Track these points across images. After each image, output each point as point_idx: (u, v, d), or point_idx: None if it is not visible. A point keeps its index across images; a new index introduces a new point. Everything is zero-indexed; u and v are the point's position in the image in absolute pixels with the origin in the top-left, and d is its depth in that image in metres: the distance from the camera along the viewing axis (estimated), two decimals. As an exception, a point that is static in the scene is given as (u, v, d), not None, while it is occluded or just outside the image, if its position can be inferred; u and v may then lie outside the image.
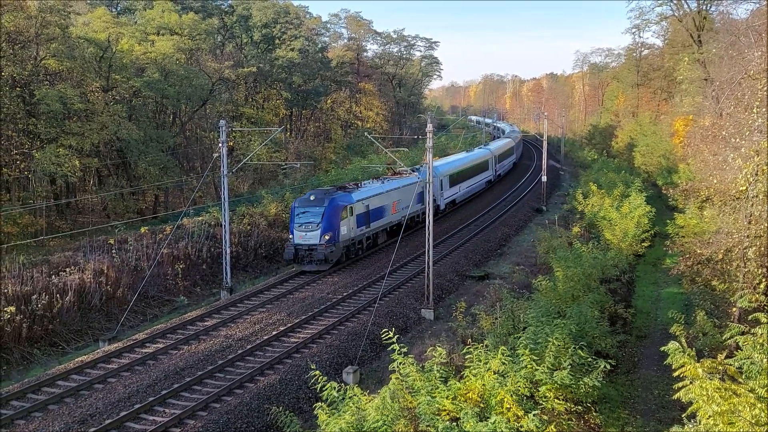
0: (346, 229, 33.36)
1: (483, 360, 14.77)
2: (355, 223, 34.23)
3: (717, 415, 10.65)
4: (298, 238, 32.56)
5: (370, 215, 36.00)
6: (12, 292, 25.50)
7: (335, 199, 33.17)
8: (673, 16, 62.86)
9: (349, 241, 33.86)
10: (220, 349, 23.10)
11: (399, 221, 38.91)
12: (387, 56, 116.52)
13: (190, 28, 57.95)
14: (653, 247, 40.70)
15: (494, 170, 65.97)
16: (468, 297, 29.53)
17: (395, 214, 39.33)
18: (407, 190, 40.59)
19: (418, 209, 42.73)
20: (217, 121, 36.38)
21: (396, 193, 39.63)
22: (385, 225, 38.44)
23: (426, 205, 30.33)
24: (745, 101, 21.99)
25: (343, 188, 35.95)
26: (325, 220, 32.21)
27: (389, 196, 38.73)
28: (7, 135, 40.67)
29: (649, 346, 25.10)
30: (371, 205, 36.23)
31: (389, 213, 38.59)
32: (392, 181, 41.13)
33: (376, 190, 37.89)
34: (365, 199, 35.71)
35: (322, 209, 32.46)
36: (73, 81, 43.52)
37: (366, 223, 35.66)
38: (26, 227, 39.41)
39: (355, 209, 34.18)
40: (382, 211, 37.67)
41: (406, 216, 38.16)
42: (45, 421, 17.77)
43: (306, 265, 32.45)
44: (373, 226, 36.71)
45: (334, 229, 32.44)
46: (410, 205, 39.21)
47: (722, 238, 22.19)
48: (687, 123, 54.85)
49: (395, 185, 40.17)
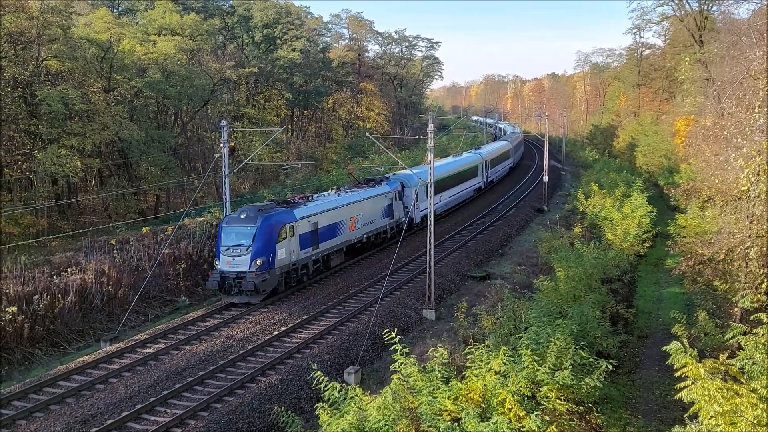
0: (285, 252, 28.53)
1: (484, 360, 14.78)
2: (297, 245, 29.38)
3: (719, 416, 10.65)
4: (225, 263, 27.57)
5: (318, 234, 31.26)
6: (14, 293, 25.51)
7: (271, 217, 28.35)
8: (674, 16, 62.88)
9: (288, 267, 28.97)
10: (221, 349, 23.10)
11: (359, 239, 35.51)
12: (388, 56, 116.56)
13: (192, 28, 58.04)
14: (655, 248, 40.67)
15: (485, 177, 61.60)
16: (469, 297, 29.51)
17: (354, 231, 34.75)
18: (372, 203, 36.60)
19: (386, 224, 38.54)
20: (219, 122, 36.41)
21: (356, 206, 34.87)
22: (340, 245, 33.53)
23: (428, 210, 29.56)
24: (746, 101, 21.98)
25: (286, 203, 31.15)
26: (257, 242, 27.36)
27: (346, 210, 33.91)
28: (9, 135, 40.72)
29: (651, 346, 25.08)
30: (321, 223, 31.38)
31: (346, 230, 33.86)
32: (353, 192, 36.11)
33: (329, 204, 32.82)
34: (312, 215, 30.77)
35: (253, 229, 27.60)
36: (74, 81, 43.56)
37: (313, 243, 30.80)
38: (28, 227, 39.47)
39: (297, 228, 29.39)
40: (335, 228, 32.84)
41: (369, 233, 35.46)
42: (47, 421, 17.78)
43: (234, 296, 27.58)
44: (323, 247, 31.76)
45: (268, 253, 27.60)
46: (375, 219, 36.43)
47: (724, 238, 22.16)
48: (688, 123, 54.83)
49: (355, 198, 35.27)
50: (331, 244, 32.64)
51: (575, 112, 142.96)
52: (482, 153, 63.13)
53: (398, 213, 40.05)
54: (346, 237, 34.02)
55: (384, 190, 38.57)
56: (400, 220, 39.87)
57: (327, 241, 32.09)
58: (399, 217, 40.05)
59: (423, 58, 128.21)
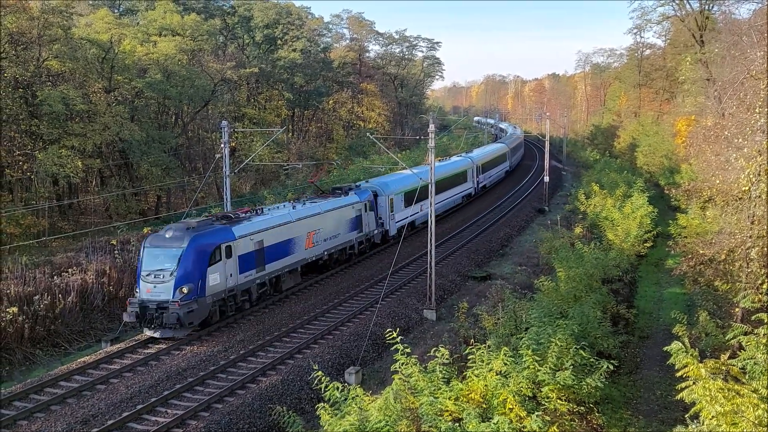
0: (220, 276, 24.66)
1: (485, 360, 14.77)
2: (236, 268, 25.55)
3: (720, 416, 10.65)
4: (145, 291, 23.59)
5: (265, 254, 27.43)
6: (14, 293, 25.55)
7: (201, 237, 24.41)
8: (675, 16, 62.88)
9: (224, 293, 25.05)
10: (222, 349, 23.11)
11: (319, 257, 31.96)
12: (389, 57, 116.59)
13: (192, 29, 58.10)
14: (655, 248, 40.65)
15: (475, 183, 57.51)
16: (470, 297, 29.50)
17: (312, 248, 31.03)
18: (336, 216, 33.06)
19: (353, 238, 34.90)
20: (219, 122, 36.45)
21: (315, 220, 31.26)
22: (293, 264, 29.63)
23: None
24: (747, 101, 21.97)
25: (227, 219, 26.84)
26: (183, 266, 23.46)
27: (303, 225, 30.20)
28: (10, 136, 40.79)
29: (652, 346, 25.08)
30: (268, 241, 27.58)
31: (301, 248, 30.04)
32: (312, 204, 32.37)
33: (280, 218, 28.98)
34: (256, 233, 26.94)
35: (179, 251, 23.68)
36: (75, 82, 43.62)
37: (258, 264, 27.01)
38: (29, 228, 39.52)
39: (236, 248, 25.56)
40: (287, 246, 29.04)
41: (331, 249, 32.46)
42: (47, 421, 17.79)
43: (156, 329, 23.44)
44: (271, 268, 27.90)
45: (197, 279, 23.69)
46: (340, 234, 33.23)
47: (725, 239, 22.16)
48: (689, 123, 54.82)
49: (313, 210, 31.56)
50: (282, 264, 28.70)
51: (576, 113, 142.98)
52: (473, 157, 59.52)
53: (369, 225, 36.55)
54: (301, 255, 30.10)
55: (351, 200, 34.83)
56: (371, 234, 36.94)
57: (276, 261, 28.17)
58: (370, 230, 36.73)
59: (424, 58, 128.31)
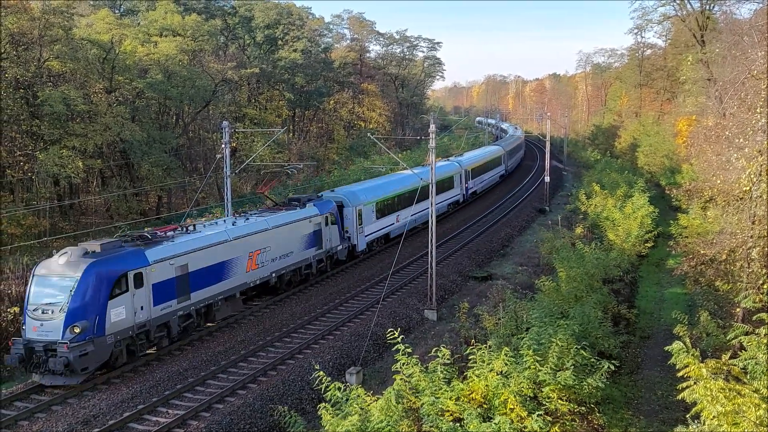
0: (127, 310, 20.70)
1: (486, 361, 14.77)
2: (148, 299, 21.39)
3: (721, 416, 10.64)
4: (31, 329, 19.77)
5: (190, 280, 23.24)
6: (16, 293, 25.58)
7: (101, 263, 20.28)
8: (676, 16, 62.84)
9: (134, 330, 21.07)
10: (223, 350, 23.12)
11: (266, 279, 27.75)
12: (390, 57, 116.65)
13: (193, 29, 58.14)
14: (656, 248, 40.65)
15: (463, 189, 53.49)
16: (471, 297, 29.51)
17: (256, 270, 26.87)
18: (288, 232, 28.99)
19: (310, 256, 30.94)
20: (220, 122, 36.46)
21: (260, 238, 27.01)
22: (230, 290, 25.52)
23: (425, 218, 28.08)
24: (748, 101, 21.96)
25: (142, 239, 22.70)
26: (76, 299, 19.53)
27: (243, 244, 26.00)
28: (11, 136, 40.83)
29: (653, 346, 25.07)
30: (195, 264, 23.39)
31: (241, 271, 25.94)
32: (259, 219, 28.06)
33: (213, 237, 24.73)
34: (178, 256, 22.73)
35: (71, 281, 19.74)
36: (76, 82, 43.66)
37: (180, 293, 22.87)
38: (30, 228, 39.57)
39: (150, 275, 21.41)
40: (222, 269, 24.92)
41: (282, 270, 28.46)
42: (48, 421, 17.80)
43: (43, 375, 19.55)
44: (198, 297, 23.73)
45: (94, 314, 19.76)
46: (294, 252, 29.37)
47: (726, 239, 22.15)
48: (690, 123, 54.81)
49: (258, 227, 27.19)
50: (214, 292, 24.61)
51: (577, 113, 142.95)
52: (462, 161, 55.12)
53: (331, 240, 32.61)
54: (241, 279, 26.01)
55: (308, 213, 30.79)
56: (334, 250, 33.04)
57: (206, 287, 24.12)
58: (333, 245, 32.81)
59: (424, 58, 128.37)
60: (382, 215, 37.81)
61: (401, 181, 41.79)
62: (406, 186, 40.97)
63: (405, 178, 41.96)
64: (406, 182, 41.22)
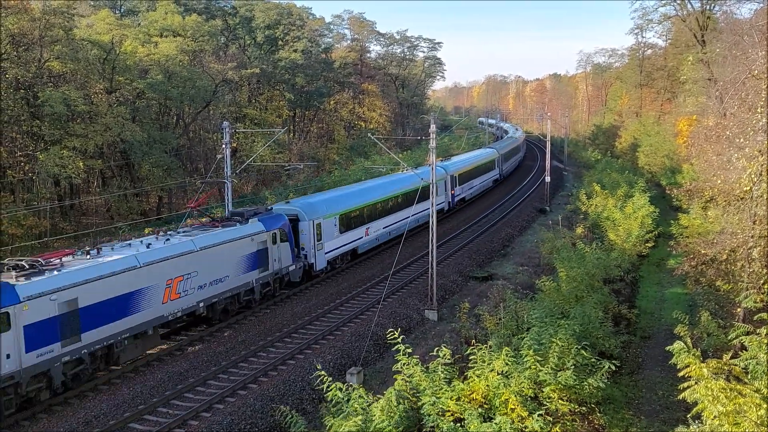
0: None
1: (487, 361, 14.78)
2: (18, 345, 17.48)
3: (722, 416, 10.63)
4: None
5: (81, 317, 19.32)
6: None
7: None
8: (676, 16, 62.92)
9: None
10: (224, 350, 23.12)
11: (192, 310, 23.68)
12: (390, 57, 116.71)
13: (193, 29, 58.18)
14: (657, 248, 40.64)
15: (448, 196, 49.51)
16: (471, 298, 29.51)
17: (177, 300, 22.72)
18: (222, 253, 24.71)
19: (252, 280, 26.65)
20: (221, 123, 36.46)
21: (183, 261, 22.87)
22: (140, 326, 21.35)
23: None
24: (749, 101, 21.96)
25: (18, 269, 18.54)
26: None
27: (157, 270, 21.82)
28: (11, 137, 40.86)
29: (653, 346, 25.06)
30: (88, 298, 19.50)
31: (155, 302, 21.80)
32: (184, 239, 23.84)
33: (114, 264, 20.60)
34: (64, 289, 18.80)
35: None
36: (76, 83, 43.72)
37: (67, 334, 18.87)
38: (30, 229, 39.56)
39: (21, 315, 17.53)
40: (128, 302, 20.91)
41: (211, 298, 24.25)
42: (50, 422, 17.81)
43: None
44: (93, 337, 19.77)
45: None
46: (229, 276, 25.18)
47: (726, 239, 22.15)
48: (691, 123, 54.81)
49: (181, 249, 23.00)
50: (117, 329, 20.56)
51: (577, 113, 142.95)
52: (447, 166, 50.76)
53: (281, 260, 28.36)
54: (156, 312, 21.87)
55: (250, 230, 26.55)
56: (284, 271, 28.77)
57: (105, 325, 20.14)
58: (282, 266, 28.51)
59: (425, 58, 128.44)
60: (348, 229, 33.92)
61: (374, 189, 38.34)
62: (381, 194, 37.94)
63: (379, 186, 39.45)
64: (380, 190, 38.37)
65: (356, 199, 35.57)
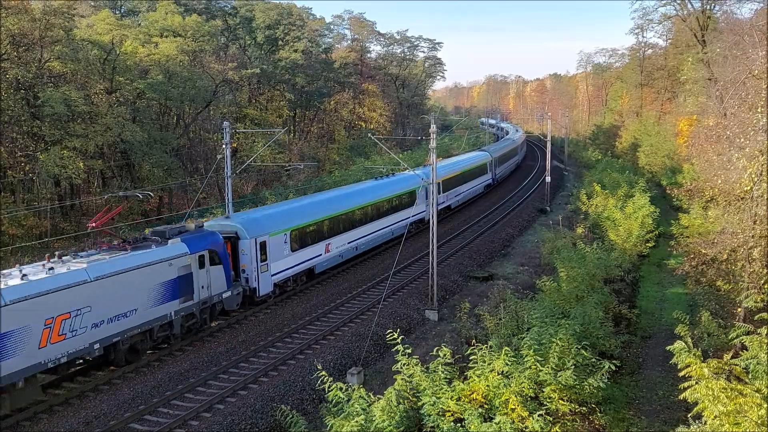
0: None
1: (487, 361, 14.77)
2: None
3: (723, 416, 10.63)
4: None
5: None
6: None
7: None
8: (676, 16, 62.96)
9: None
10: (224, 350, 23.12)
11: (84, 353, 19.62)
12: (390, 57, 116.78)
13: (194, 29, 58.20)
14: (657, 248, 40.62)
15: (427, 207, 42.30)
16: (472, 298, 29.50)
17: (59, 343, 18.65)
18: (127, 283, 20.70)
19: (170, 312, 22.51)
20: (221, 123, 36.47)
21: (69, 295, 18.81)
22: (4, 380, 17.19)
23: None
24: (749, 101, 21.97)
25: None
26: None
27: (32, 309, 17.79)
28: (12, 137, 40.87)
29: (654, 346, 25.05)
30: None
31: (27, 348, 17.77)
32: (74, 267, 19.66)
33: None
34: None
35: None
36: (77, 83, 43.74)
37: None
38: (31, 229, 39.60)
39: None
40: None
41: (112, 338, 20.23)
42: (50, 422, 17.81)
43: None
44: None
45: None
46: (137, 309, 21.02)
47: (727, 239, 22.14)
48: (691, 123, 54.86)
49: (66, 280, 18.88)
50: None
51: (577, 113, 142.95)
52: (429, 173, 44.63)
53: (211, 286, 24.40)
54: (28, 359, 17.81)
55: (168, 253, 22.38)
56: (215, 299, 24.67)
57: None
58: (214, 292, 24.57)
59: (425, 58, 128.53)
60: (302, 246, 30.04)
61: (337, 200, 34.21)
62: (346, 206, 33.98)
63: (343, 196, 35.45)
64: (345, 201, 34.28)
65: (314, 212, 31.55)
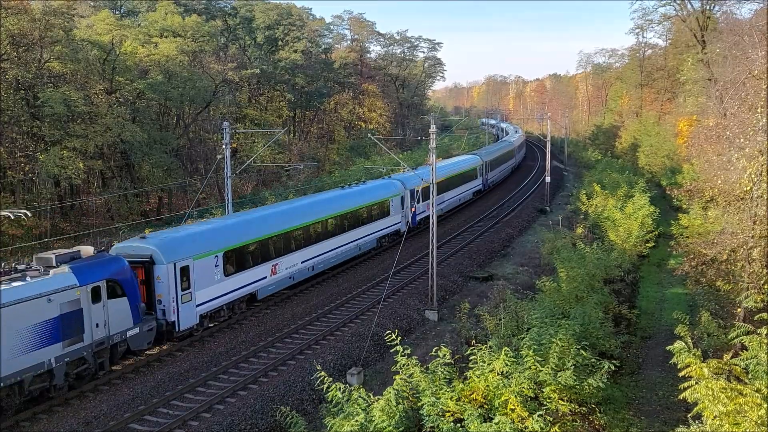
0: None
1: (487, 361, 14.76)
2: None
3: (723, 416, 10.62)
4: None
5: None
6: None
7: None
8: (676, 16, 62.97)
9: None
10: (224, 350, 23.12)
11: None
12: (390, 57, 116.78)
13: (193, 30, 58.21)
14: (657, 248, 40.61)
15: (408, 215, 40.48)
16: (472, 298, 29.50)
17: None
18: None
19: (49, 360, 18.17)
20: (221, 123, 36.46)
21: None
22: None
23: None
24: (749, 101, 21.96)
25: None
26: None
27: None
28: (12, 137, 40.86)
29: (654, 346, 25.05)
30: None
31: None
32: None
33: None
34: None
35: None
36: (77, 83, 43.73)
37: None
38: (31, 229, 39.59)
39: None
40: None
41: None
42: (50, 422, 17.81)
43: None
44: None
45: None
46: (7, 358, 16.93)
47: (726, 239, 22.13)
48: (691, 123, 54.86)
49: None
50: None
51: (577, 113, 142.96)
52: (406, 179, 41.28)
53: (109, 324, 20.02)
54: None
55: (46, 287, 18.09)
56: (119, 338, 20.41)
57: None
58: (114, 331, 20.22)
59: (425, 58, 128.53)
60: (240, 268, 25.82)
61: (285, 214, 29.89)
62: (297, 221, 29.81)
63: (297, 209, 31.34)
64: (297, 216, 30.14)
65: (257, 229, 27.29)
